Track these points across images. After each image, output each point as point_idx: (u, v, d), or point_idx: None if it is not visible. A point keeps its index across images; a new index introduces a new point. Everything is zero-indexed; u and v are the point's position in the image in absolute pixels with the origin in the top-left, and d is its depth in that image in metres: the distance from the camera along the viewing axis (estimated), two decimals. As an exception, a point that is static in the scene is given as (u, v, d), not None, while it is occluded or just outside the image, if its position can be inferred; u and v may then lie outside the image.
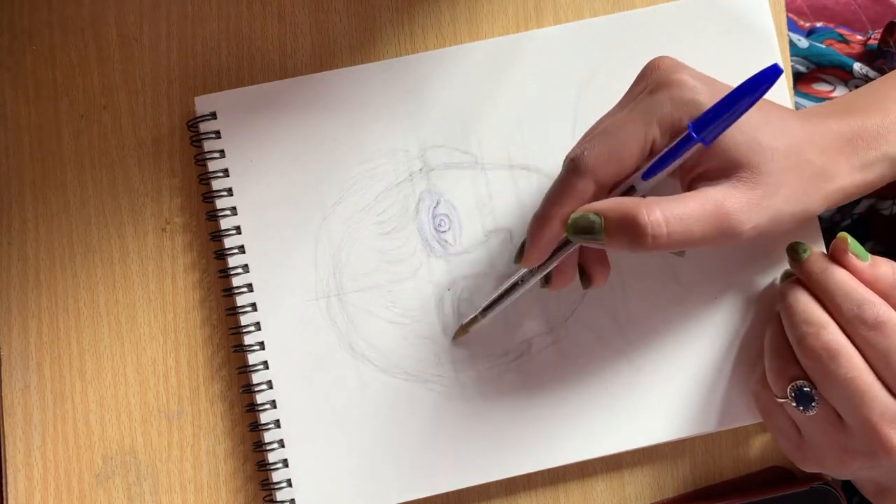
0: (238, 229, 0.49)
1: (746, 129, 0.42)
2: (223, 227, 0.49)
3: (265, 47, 0.52)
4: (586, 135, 0.44)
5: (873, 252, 0.47)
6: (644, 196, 0.42)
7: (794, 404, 0.44)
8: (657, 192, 0.43)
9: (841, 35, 0.66)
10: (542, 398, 0.49)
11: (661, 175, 0.42)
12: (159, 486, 0.50)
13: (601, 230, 0.41)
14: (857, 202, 0.60)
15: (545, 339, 0.50)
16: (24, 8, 0.52)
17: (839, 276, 0.45)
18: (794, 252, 0.46)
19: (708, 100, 0.42)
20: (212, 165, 0.50)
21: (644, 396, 0.50)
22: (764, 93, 0.39)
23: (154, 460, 0.50)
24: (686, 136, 0.41)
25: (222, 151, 0.50)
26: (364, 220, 0.50)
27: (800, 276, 0.46)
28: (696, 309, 0.50)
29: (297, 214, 0.50)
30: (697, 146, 0.41)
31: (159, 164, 0.51)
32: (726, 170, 0.42)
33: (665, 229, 0.40)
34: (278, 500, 0.48)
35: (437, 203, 0.50)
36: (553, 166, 0.51)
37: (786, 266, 0.50)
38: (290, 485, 0.48)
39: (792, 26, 0.66)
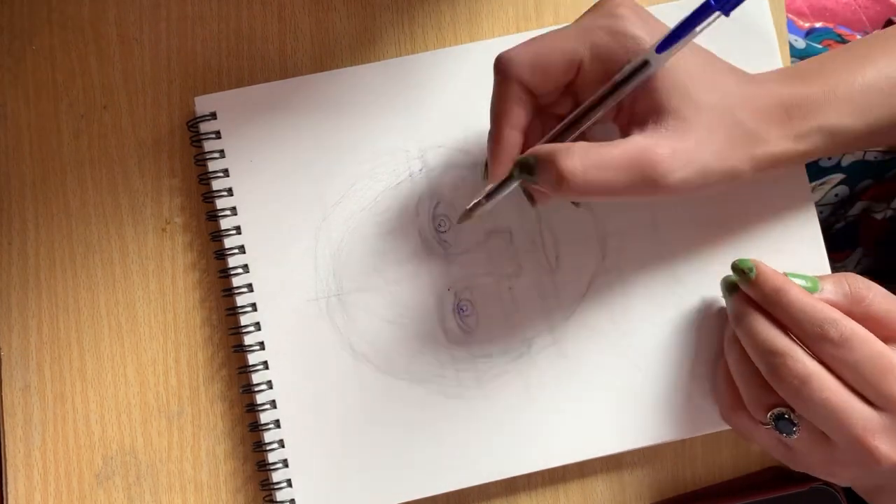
0: (238, 229, 0.49)
1: (682, 77, 0.42)
2: (223, 227, 0.49)
3: (265, 47, 0.52)
4: (522, 42, 0.44)
5: (862, 261, 0.47)
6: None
7: (776, 431, 0.44)
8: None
9: (840, 35, 0.66)
10: (543, 398, 0.49)
11: (608, 105, 0.42)
12: (159, 486, 0.50)
13: (535, 172, 0.41)
14: (850, 204, 0.60)
15: (545, 338, 0.50)
16: (24, 8, 0.52)
17: (794, 294, 0.44)
18: (741, 272, 0.45)
19: (644, 34, 0.42)
20: (212, 165, 0.50)
21: (644, 396, 0.50)
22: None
23: (154, 460, 0.50)
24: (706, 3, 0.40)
25: (222, 151, 0.50)
26: (364, 220, 0.50)
27: (753, 296, 0.45)
28: (696, 309, 0.50)
29: (297, 214, 0.50)
30: (650, 72, 0.41)
31: (159, 164, 0.51)
32: (657, 115, 0.42)
33: (581, 176, 0.40)
34: (278, 500, 0.48)
35: (437, 203, 0.50)
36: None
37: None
38: (290, 485, 0.48)
39: (791, 27, 0.66)
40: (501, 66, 0.43)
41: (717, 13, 0.39)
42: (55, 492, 0.50)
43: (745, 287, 0.45)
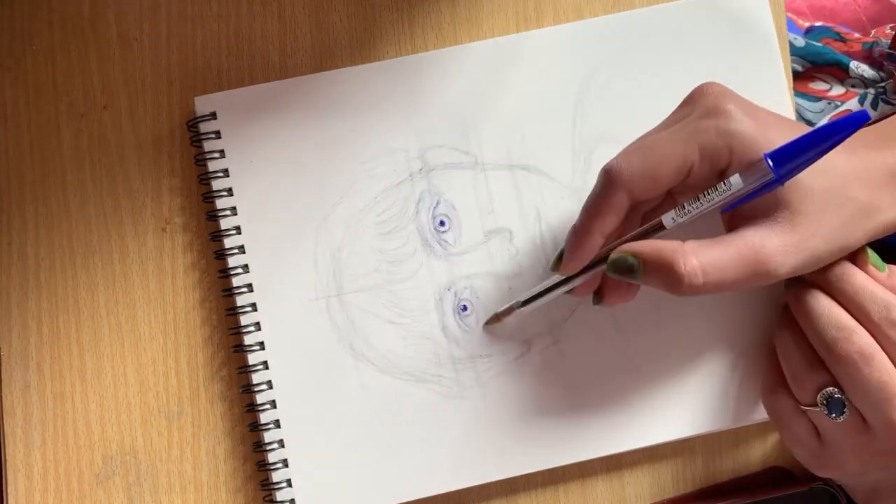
0: (238, 229, 0.49)
1: None
2: (223, 227, 0.49)
3: (265, 47, 0.52)
4: (626, 148, 0.44)
5: None
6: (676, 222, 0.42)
7: (825, 411, 0.44)
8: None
9: (839, 34, 0.66)
10: (542, 398, 0.49)
11: (708, 210, 0.42)
12: (159, 486, 0.50)
13: (639, 272, 0.42)
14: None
15: (545, 339, 0.50)
16: (24, 8, 0.52)
17: (860, 279, 0.44)
18: None
19: (754, 132, 0.41)
20: (212, 165, 0.50)
21: (644, 397, 0.50)
22: (848, 136, 0.38)
23: (154, 460, 0.50)
24: (760, 168, 0.40)
25: (222, 151, 0.50)
26: (364, 220, 0.50)
27: (815, 281, 0.45)
28: (696, 309, 0.50)
29: (297, 214, 0.50)
30: (765, 181, 0.40)
31: (159, 164, 0.51)
32: (766, 208, 0.42)
33: (701, 279, 0.40)
34: (278, 500, 0.48)
35: (437, 203, 0.50)
36: (553, 166, 0.51)
37: None
38: (289, 485, 0.48)
39: (790, 25, 0.66)
40: (612, 176, 0.43)
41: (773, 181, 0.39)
42: (55, 492, 0.50)
43: (813, 273, 0.45)
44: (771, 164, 0.40)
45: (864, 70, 0.62)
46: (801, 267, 0.42)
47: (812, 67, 0.63)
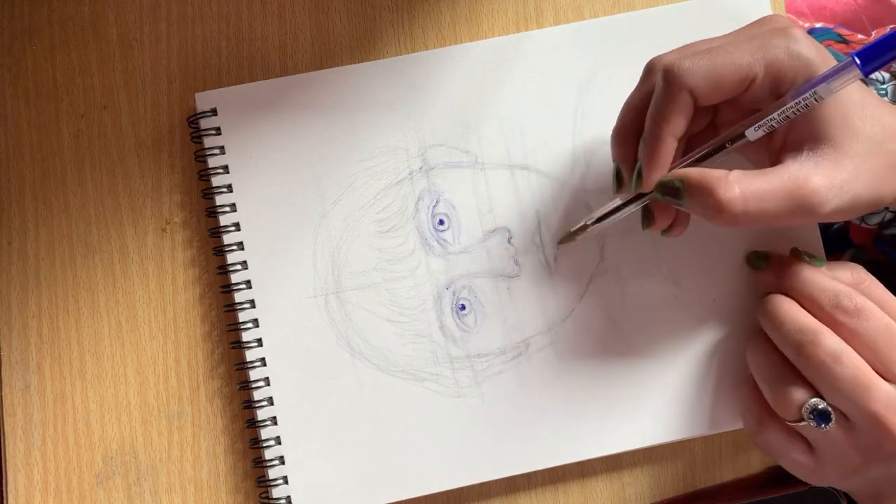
0: (237, 226, 0.49)
1: (841, 106, 0.42)
2: (222, 223, 0.49)
3: (265, 48, 0.52)
4: (685, 48, 0.44)
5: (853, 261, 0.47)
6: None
7: (813, 424, 0.44)
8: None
9: (840, 35, 0.66)
10: (539, 398, 0.49)
11: (777, 117, 0.42)
12: (159, 486, 0.50)
13: (684, 195, 0.42)
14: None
15: (543, 339, 0.50)
16: (24, 8, 0.52)
17: (807, 272, 0.45)
18: (756, 260, 0.47)
19: (821, 62, 0.42)
20: (212, 162, 0.50)
21: (641, 398, 0.50)
22: None
23: (154, 460, 0.50)
24: (849, 62, 0.40)
25: (222, 148, 0.50)
26: (363, 217, 0.50)
27: (767, 284, 0.47)
28: (693, 311, 0.50)
29: (296, 211, 0.50)
30: (853, 78, 0.40)
31: (159, 164, 0.51)
32: (813, 142, 0.42)
33: (741, 207, 0.40)
34: (274, 497, 0.48)
35: (437, 202, 0.50)
36: (553, 166, 0.51)
37: None
38: (286, 482, 0.48)
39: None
40: (674, 74, 0.42)
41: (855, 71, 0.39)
42: (55, 492, 0.50)
43: (762, 274, 0.47)
44: (858, 61, 0.39)
45: None
46: (842, 209, 0.42)
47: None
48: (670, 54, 0.43)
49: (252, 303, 0.49)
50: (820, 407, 0.43)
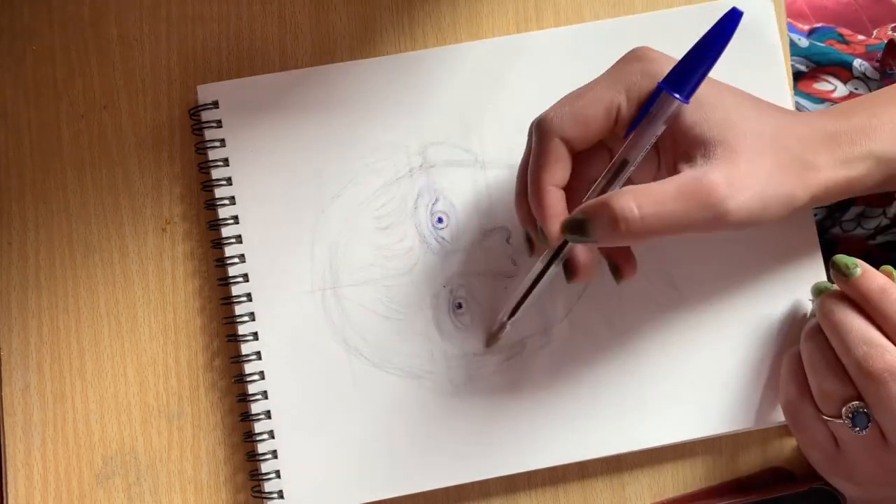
0: (236, 219, 0.50)
1: (720, 108, 0.42)
2: (221, 216, 0.50)
3: (265, 48, 0.52)
4: (559, 101, 0.44)
5: None
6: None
7: (849, 425, 0.44)
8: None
9: (842, 35, 0.66)
10: (534, 398, 0.49)
11: (644, 144, 0.42)
12: (159, 486, 0.50)
13: (589, 226, 0.41)
14: (846, 208, 0.60)
15: (539, 339, 0.50)
16: (24, 8, 0.52)
17: (892, 290, 0.44)
18: (846, 268, 0.45)
19: None
20: (212, 154, 0.50)
21: (637, 400, 0.50)
22: (730, 37, 0.40)
23: (154, 460, 0.50)
24: (656, 89, 0.41)
25: (223, 140, 0.50)
26: (362, 214, 0.50)
27: (850, 294, 0.45)
28: (690, 313, 0.50)
29: (295, 207, 0.50)
30: (677, 105, 0.41)
31: (159, 164, 0.51)
32: (703, 147, 0.42)
33: (637, 212, 0.40)
34: (266, 490, 0.48)
35: (436, 200, 0.50)
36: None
37: (782, 273, 0.50)
38: (278, 476, 0.48)
39: (791, 28, 0.66)
40: (542, 125, 0.43)
41: (678, 102, 0.41)
42: (55, 492, 0.50)
43: (844, 284, 0.45)
44: (666, 87, 0.41)
45: (867, 69, 0.62)
46: (750, 208, 0.41)
47: (816, 68, 0.63)
48: (545, 111, 0.44)
49: (249, 296, 0.49)
50: (862, 411, 0.43)
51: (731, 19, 0.40)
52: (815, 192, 0.43)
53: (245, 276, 0.49)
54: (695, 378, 0.50)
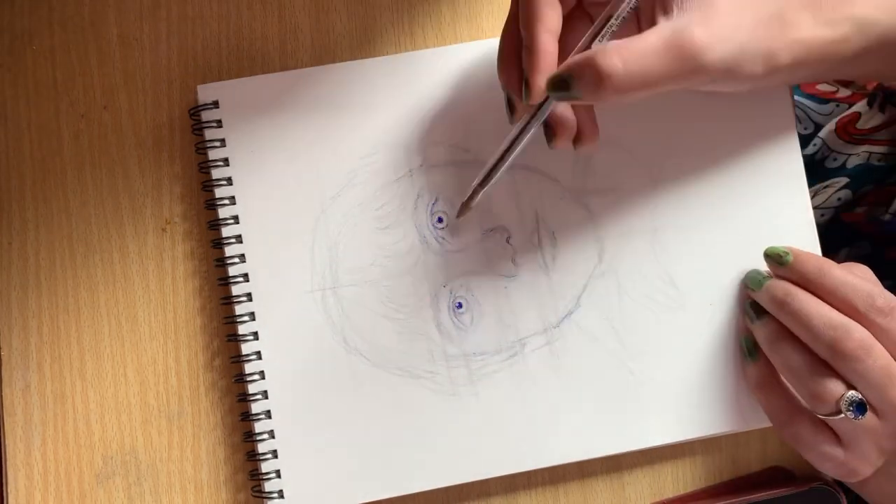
0: (236, 219, 0.49)
1: None
2: (221, 216, 0.49)
3: (265, 48, 0.52)
4: None
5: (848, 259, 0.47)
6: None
7: (851, 416, 0.44)
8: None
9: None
10: (534, 398, 0.49)
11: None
12: (159, 486, 0.50)
13: (572, 82, 0.41)
14: (850, 207, 0.60)
15: (539, 339, 0.50)
16: (24, 8, 0.52)
17: (838, 273, 0.45)
18: (778, 257, 0.47)
19: None
20: (212, 154, 0.50)
21: (636, 401, 0.50)
22: None
23: (154, 460, 0.50)
24: None
25: (223, 140, 0.50)
26: (362, 214, 0.50)
27: (791, 280, 0.46)
28: (690, 314, 0.50)
29: (295, 206, 0.50)
30: None
31: (159, 164, 0.51)
32: (680, 1, 0.42)
33: (621, 67, 0.40)
34: (266, 490, 0.48)
35: (436, 200, 0.50)
36: (553, 167, 0.51)
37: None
38: (279, 475, 0.48)
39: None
40: None
41: None
42: (55, 492, 0.50)
43: (783, 271, 0.47)
44: None
45: None
46: (729, 60, 0.41)
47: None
48: None
49: (249, 296, 0.49)
50: (858, 398, 0.43)
51: None
52: (797, 53, 0.43)
53: (245, 276, 0.49)
54: (695, 378, 0.50)
